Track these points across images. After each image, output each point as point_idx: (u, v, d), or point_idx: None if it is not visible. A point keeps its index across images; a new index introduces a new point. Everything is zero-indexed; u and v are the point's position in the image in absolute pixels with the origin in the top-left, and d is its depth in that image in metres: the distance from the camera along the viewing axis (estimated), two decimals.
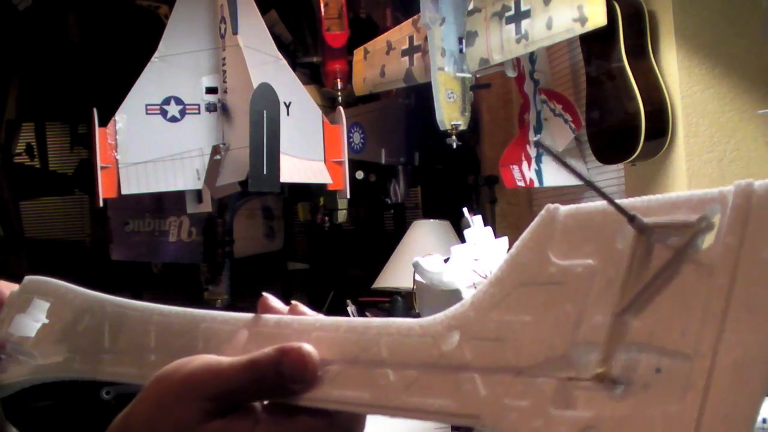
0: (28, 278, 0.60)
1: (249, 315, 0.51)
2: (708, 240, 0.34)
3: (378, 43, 3.09)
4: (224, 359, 0.46)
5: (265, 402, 0.46)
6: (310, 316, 0.50)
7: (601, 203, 0.37)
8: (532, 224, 0.40)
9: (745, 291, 0.32)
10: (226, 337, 0.50)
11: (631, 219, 0.35)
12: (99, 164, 2.87)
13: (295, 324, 0.49)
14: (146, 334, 0.53)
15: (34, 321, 0.58)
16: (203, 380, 0.45)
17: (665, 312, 0.34)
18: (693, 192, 0.35)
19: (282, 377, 0.44)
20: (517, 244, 0.41)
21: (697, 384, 0.32)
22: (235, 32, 2.91)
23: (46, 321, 0.58)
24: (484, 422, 0.38)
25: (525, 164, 2.95)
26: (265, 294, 0.52)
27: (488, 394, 0.38)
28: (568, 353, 0.37)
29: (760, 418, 1.55)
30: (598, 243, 0.37)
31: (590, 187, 0.38)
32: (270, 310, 0.51)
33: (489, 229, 2.06)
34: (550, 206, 0.40)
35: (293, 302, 0.52)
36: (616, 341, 0.35)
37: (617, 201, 0.36)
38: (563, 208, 0.39)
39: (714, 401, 0.32)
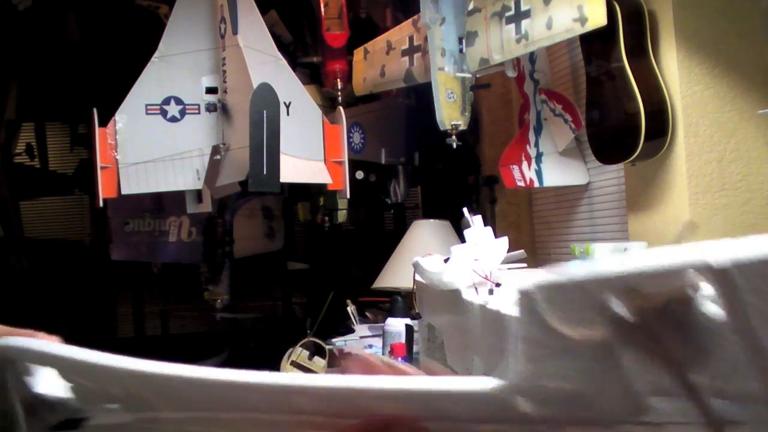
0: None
1: None
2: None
3: (378, 43, 3.09)
4: None
5: None
6: None
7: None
8: None
9: None
10: None
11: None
12: (99, 164, 2.87)
13: None
14: None
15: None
16: None
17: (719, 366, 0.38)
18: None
19: None
20: None
21: None
22: (235, 32, 2.91)
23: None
24: None
25: (525, 164, 2.95)
26: None
27: None
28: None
29: None
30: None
31: None
32: None
33: (489, 229, 2.06)
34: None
35: None
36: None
37: None
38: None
39: None
